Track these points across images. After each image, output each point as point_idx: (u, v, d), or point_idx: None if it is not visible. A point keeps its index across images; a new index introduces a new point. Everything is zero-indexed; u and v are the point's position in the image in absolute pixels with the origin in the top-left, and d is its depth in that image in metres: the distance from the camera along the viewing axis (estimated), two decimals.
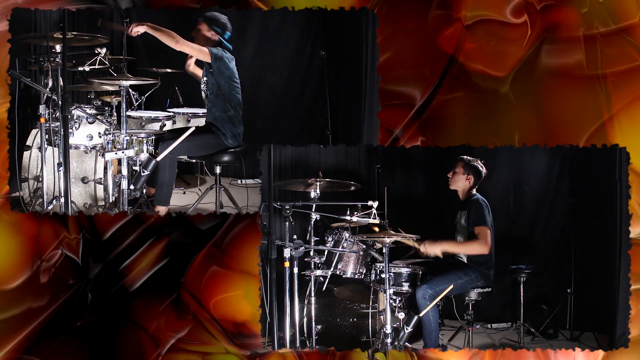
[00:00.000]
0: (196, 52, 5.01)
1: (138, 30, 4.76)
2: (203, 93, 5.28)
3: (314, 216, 4.79)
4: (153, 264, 4.24)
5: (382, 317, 4.89)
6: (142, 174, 4.66)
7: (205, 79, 5.21)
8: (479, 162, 5.06)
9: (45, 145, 4.75)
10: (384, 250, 4.61)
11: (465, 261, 4.97)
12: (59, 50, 4.90)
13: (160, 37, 4.82)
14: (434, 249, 4.84)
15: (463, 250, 4.90)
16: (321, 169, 5.11)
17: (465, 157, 5.07)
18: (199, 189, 6.14)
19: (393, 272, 4.86)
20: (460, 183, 5.06)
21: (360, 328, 5.11)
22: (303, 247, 4.30)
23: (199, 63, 5.40)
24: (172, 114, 5.82)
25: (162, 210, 4.99)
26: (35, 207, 4.98)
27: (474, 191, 5.06)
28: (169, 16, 6.51)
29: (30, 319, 4.12)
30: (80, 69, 5.20)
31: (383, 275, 4.67)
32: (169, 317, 4.22)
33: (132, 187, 4.80)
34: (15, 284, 4.12)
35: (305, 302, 4.87)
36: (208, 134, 5.17)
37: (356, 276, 4.99)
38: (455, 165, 5.07)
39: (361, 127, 5.62)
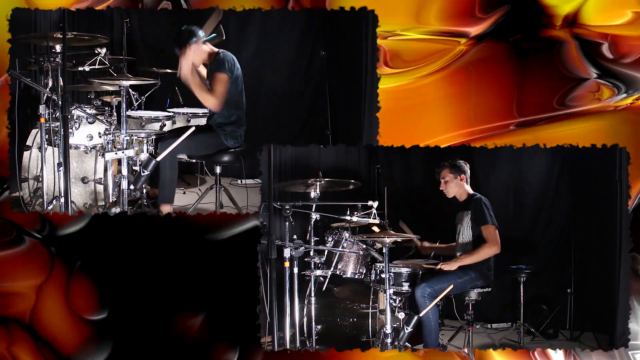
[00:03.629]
0: (224, 88, 5.04)
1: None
2: None
3: (314, 216, 4.79)
4: None
5: (382, 317, 4.90)
6: (142, 174, 4.66)
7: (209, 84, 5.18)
8: (458, 160, 5.07)
9: (45, 145, 4.75)
10: (384, 250, 4.61)
11: None
12: (59, 50, 4.90)
13: (198, 95, 5.03)
14: (452, 267, 4.86)
15: (477, 258, 4.87)
16: (321, 169, 5.11)
17: (444, 163, 5.07)
18: (199, 189, 6.14)
19: (393, 272, 4.87)
20: (457, 188, 5.05)
21: (360, 328, 5.11)
22: (303, 247, 4.31)
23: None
24: (172, 114, 5.82)
25: (166, 208, 4.99)
26: (35, 207, 4.98)
27: (471, 190, 5.06)
28: (169, 18, 6.52)
29: None
30: (80, 69, 5.20)
31: (383, 275, 4.67)
32: None
33: (132, 187, 4.80)
34: None
35: (305, 302, 4.87)
36: (208, 133, 5.17)
37: (356, 276, 4.99)
38: (442, 175, 5.06)
39: (361, 127, 5.61)
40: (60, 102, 4.26)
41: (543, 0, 4.26)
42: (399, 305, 4.89)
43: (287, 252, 4.24)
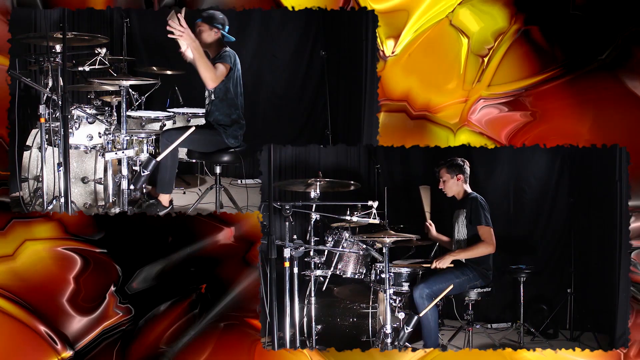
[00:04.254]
0: (224, 73, 5.02)
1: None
2: (207, 93, 5.27)
3: (314, 216, 4.79)
4: None
5: (382, 317, 4.89)
6: (142, 174, 4.66)
7: None
8: (456, 159, 5.07)
9: (45, 145, 4.75)
10: (384, 250, 4.61)
11: (464, 261, 4.97)
12: (59, 50, 4.90)
13: (198, 61, 4.91)
14: (445, 263, 4.86)
15: (470, 254, 4.89)
16: (321, 169, 5.11)
17: (441, 162, 5.08)
18: (199, 189, 6.14)
19: (393, 272, 4.87)
20: (455, 187, 5.07)
21: (360, 328, 5.11)
22: (303, 247, 4.30)
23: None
24: (172, 114, 5.82)
25: (165, 198, 4.98)
26: (35, 207, 4.98)
27: (469, 189, 5.07)
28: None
29: None
30: (80, 69, 5.19)
31: (383, 275, 4.67)
32: None
33: (132, 187, 4.80)
34: None
35: (305, 302, 4.87)
36: (210, 130, 5.18)
37: (356, 276, 4.99)
38: (440, 175, 5.08)
39: (361, 127, 5.62)
40: (60, 102, 4.26)
41: None
42: (399, 305, 4.90)
43: (287, 252, 4.23)
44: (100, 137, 5.10)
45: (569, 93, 4.40)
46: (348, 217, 4.63)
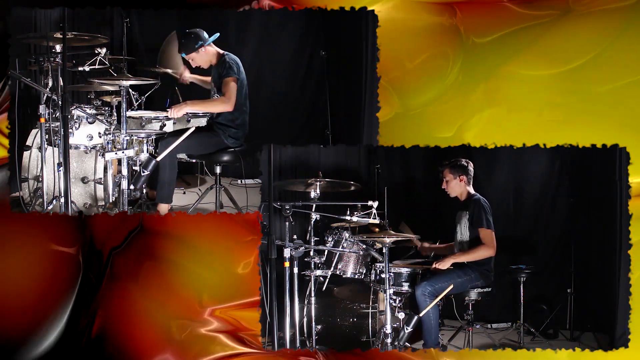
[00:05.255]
0: (234, 89, 5.06)
1: (178, 114, 4.99)
2: (211, 94, 5.28)
3: (314, 216, 4.79)
4: None
5: (382, 317, 4.90)
6: (142, 174, 4.66)
7: (216, 88, 5.22)
8: (460, 160, 5.07)
9: (45, 145, 4.75)
10: (384, 250, 4.62)
11: (465, 262, 4.97)
12: (59, 50, 4.90)
13: (207, 109, 5.08)
14: (445, 265, 4.86)
15: (471, 257, 4.89)
16: (321, 169, 5.11)
17: (445, 162, 5.08)
18: (199, 189, 6.14)
19: (393, 272, 4.87)
20: (457, 187, 5.06)
21: (360, 328, 5.11)
22: (303, 247, 4.31)
23: (201, 72, 5.42)
24: None
25: (164, 208, 4.98)
26: (35, 207, 4.97)
27: (473, 190, 5.07)
28: (170, 18, 6.53)
29: None
30: (80, 69, 5.19)
31: (383, 275, 4.67)
32: None
33: (132, 187, 4.80)
34: None
35: (305, 302, 4.87)
36: (209, 132, 5.18)
37: (356, 276, 4.99)
38: (443, 175, 5.08)
39: (361, 127, 5.62)
40: (60, 102, 4.26)
41: None
42: (399, 305, 4.90)
43: (287, 252, 4.24)
44: (100, 137, 5.10)
45: None
46: (348, 217, 4.64)
